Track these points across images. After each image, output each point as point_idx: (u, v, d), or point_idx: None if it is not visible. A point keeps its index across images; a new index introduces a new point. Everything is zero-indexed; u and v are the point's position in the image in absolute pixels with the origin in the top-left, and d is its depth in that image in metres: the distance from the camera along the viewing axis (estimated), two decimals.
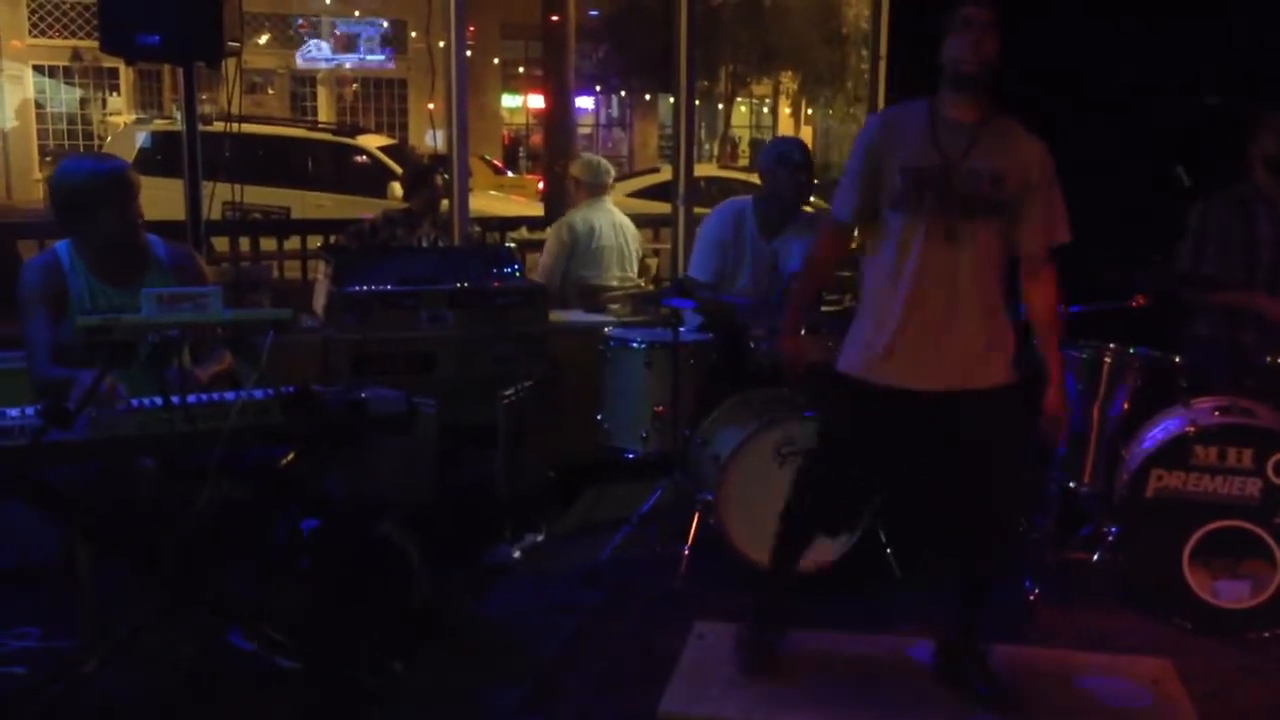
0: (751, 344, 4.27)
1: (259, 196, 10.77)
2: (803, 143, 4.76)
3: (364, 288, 4.45)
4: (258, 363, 2.99)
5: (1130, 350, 4.15)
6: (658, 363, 4.32)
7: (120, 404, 2.94)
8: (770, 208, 4.55)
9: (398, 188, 8.74)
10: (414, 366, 4.43)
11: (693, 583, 4.02)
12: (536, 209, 12.23)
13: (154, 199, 3.75)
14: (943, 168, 3.05)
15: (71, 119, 23.86)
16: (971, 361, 3.13)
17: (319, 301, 4.68)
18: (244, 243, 7.70)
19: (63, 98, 23.77)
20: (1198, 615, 3.74)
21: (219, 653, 3.28)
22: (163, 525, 3.01)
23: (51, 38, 23.17)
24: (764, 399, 4.19)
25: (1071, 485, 4.18)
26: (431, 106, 11.02)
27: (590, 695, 3.30)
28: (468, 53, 5.48)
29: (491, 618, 3.84)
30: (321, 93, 25.98)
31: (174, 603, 3.13)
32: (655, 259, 7.11)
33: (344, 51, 25.45)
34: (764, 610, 3.48)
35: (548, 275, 5.87)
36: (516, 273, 4.87)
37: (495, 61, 26.40)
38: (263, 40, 24.10)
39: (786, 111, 29.57)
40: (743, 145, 29.19)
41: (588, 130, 27.24)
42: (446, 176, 5.61)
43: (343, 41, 25.39)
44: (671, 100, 6.18)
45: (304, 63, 25.20)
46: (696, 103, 6.64)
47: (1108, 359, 4.12)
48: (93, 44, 11.06)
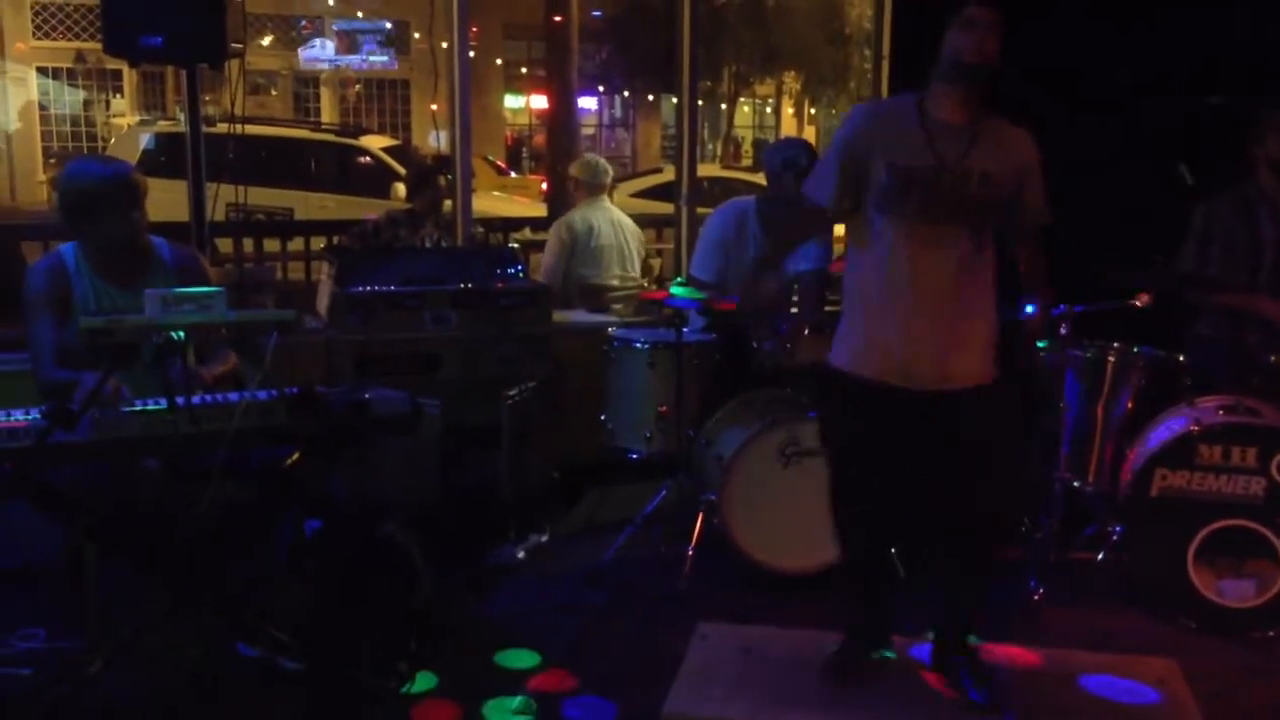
0: (755, 344, 4.27)
1: (262, 198, 10.72)
2: (808, 145, 4.72)
3: (367, 288, 4.45)
4: (261, 364, 2.99)
5: (1134, 349, 4.15)
6: (661, 363, 4.32)
7: (124, 405, 2.94)
8: (775, 209, 4.55)
9: (401, 188, 8.77)
10: (418, 367, 4.43)
11: (697, 583, 4.02)
12: (540, 210, 12.23)
13: (158, 200, 3.75)
14: (935, 169, 3.03)
15: (75, 121, 23.91)
16: (953, 361, 3.12)
17: (322, 302, 4.69)
18: (248, 244, 7.69)
19: (66, 100, 23.82)
20: (1202, 614, 3.74)
21: (223, 654, 3.28)
22: (167, 526, 3.01)
23: (55, 40, 23.24)
24: (767, 399, 4.19)
25: (1076, 484, 4.18)
26: (434, 107, 11.04)
27: (594, 696, 3.30)
28: (471, 53, 5.47)
29: (495, 618, 3.84)
30: (324, 94, 26.03)
31: (178, 604, 3.13)
32: (658, 259, 7.11)
33: (347, 52, 25.48)
34: (860, 628, 3.45)
35: (550, 275, 5.87)
36: (520, 273, 4.87)
37: (498, 62, 26.46)
38: (266, 41, 24.16)
39: (789, 112, 29.58)
40: (746, 145, 29.21)
41: (591, 131, 27.28)
42: (449, 177, 5.60)
43: (345, 42, 25.42)
44: (674, 100, 6.19)
45: (307, 64, 25.25)
46: (699, 103, 6.64)
47: (1112, 358, 4.12)
48: (96, 46, 11.03)
